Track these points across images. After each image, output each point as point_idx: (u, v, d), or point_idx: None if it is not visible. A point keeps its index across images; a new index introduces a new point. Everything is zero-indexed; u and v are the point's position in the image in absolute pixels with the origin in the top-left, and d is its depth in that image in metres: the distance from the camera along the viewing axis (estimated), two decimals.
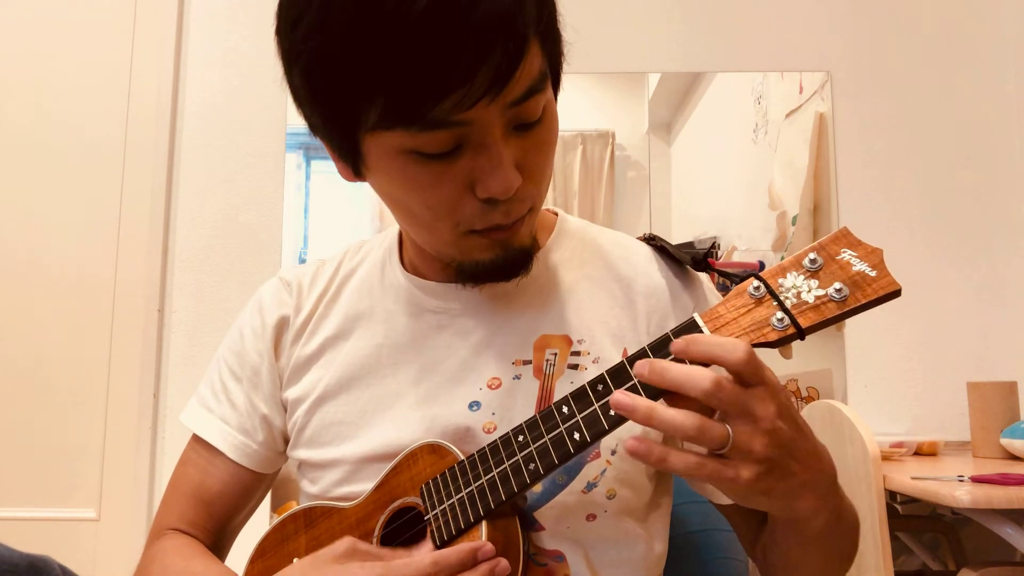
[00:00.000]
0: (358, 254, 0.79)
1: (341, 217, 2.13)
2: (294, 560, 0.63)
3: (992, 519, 1.25)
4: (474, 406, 0.66)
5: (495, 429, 0.65)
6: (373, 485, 0.66)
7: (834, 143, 2.06)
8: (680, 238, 2.09)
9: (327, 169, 0.66)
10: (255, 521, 0.80)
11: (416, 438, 0.65)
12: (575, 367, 0.67)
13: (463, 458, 0.61)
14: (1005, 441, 1.63)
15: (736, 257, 2.08)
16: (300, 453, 0.72)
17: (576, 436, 0.54)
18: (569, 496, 0.64)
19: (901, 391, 1.99)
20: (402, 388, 0.69)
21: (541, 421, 0.56)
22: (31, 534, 1.85)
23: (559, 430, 0.55)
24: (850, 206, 2.04)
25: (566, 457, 0.55)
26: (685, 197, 2.13)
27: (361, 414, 0.69)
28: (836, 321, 0.51)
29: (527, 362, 0.67)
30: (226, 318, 1.98)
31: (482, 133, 0.55)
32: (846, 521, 0.61)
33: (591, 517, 0.65)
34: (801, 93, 2.10)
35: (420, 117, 0.52)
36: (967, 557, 1.77)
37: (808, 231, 2.04)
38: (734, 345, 0.49)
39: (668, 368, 0.50)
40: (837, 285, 0.51)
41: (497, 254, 0.62)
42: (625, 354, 0.67)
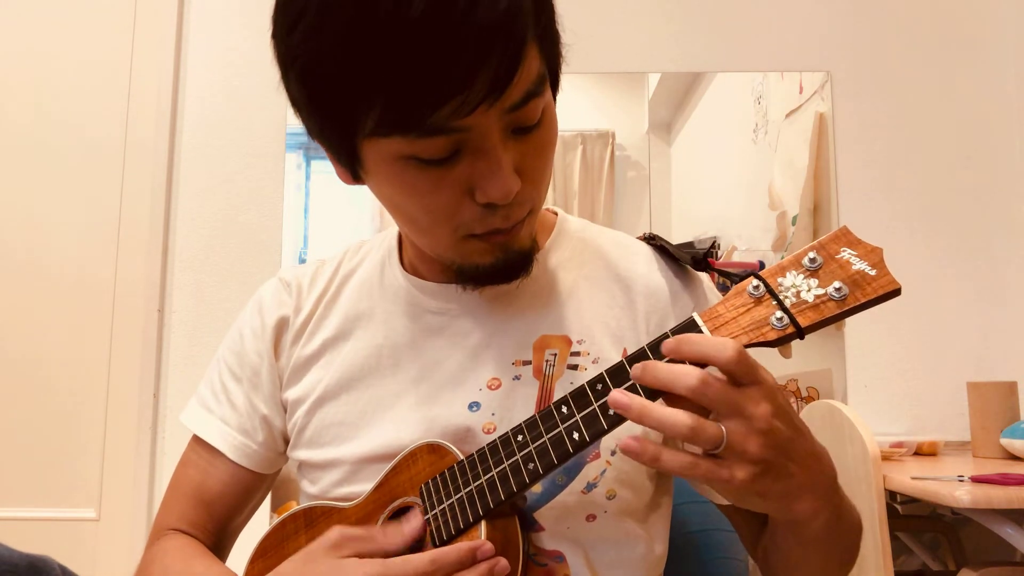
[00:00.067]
0: (358, 254, 0.79)
1: (341, 217, 2.13)
2: None
3: (992, 519, 1.25)
4: (474, 407, 0.66)
5: (495, 430, 0.65)
6: (373, 485, 0.66)
7: (834, 143, 2.06)
8: (680, 238, 2.09)
9: (327, 169, 0.65)
10: (255, 521, 0.80)
11: (416, 438, 0.65)
12: (575, 367, 0.67)
13: (462, 458, 0.61)
14: (1005, 441, 1.63)
15: (736, 257, 2.08)
16: (300, 454, 0.72)
17: (575, 436, 0.54)
18: (569, 496, 0.64)
19: (901, 391, 1.99)
20: (402, 389, 0.69)
21: (540, 421, 0.56)
22: (31, 534, 1.85)
23: (558, 430, 0.55)
24: (850, 206, 2.04)
25: (565, 457, 0.55)
26: (685, 197, 2.13)
27: (361, 415, 0.69)
28: (836, 320, 0.51)
29: (527, 363, 0.67)
30: (226, 318, 1.98)
31: (481, 138, 0.54)
32: (847, 523, 0.61)
33: (591, 518, 0.65)
34: (801, 93, 2.10)
35: (418, 124, 0.52)
36: (967, 557, 1.77)
37: (808, 231, 2.04)
38: (723, 344, 0.49)
39: (657, 367, 0.50)
40: (836, 284, 0.51)
41: (497, 257, 0.62)
42: (625, 354, 0.67)
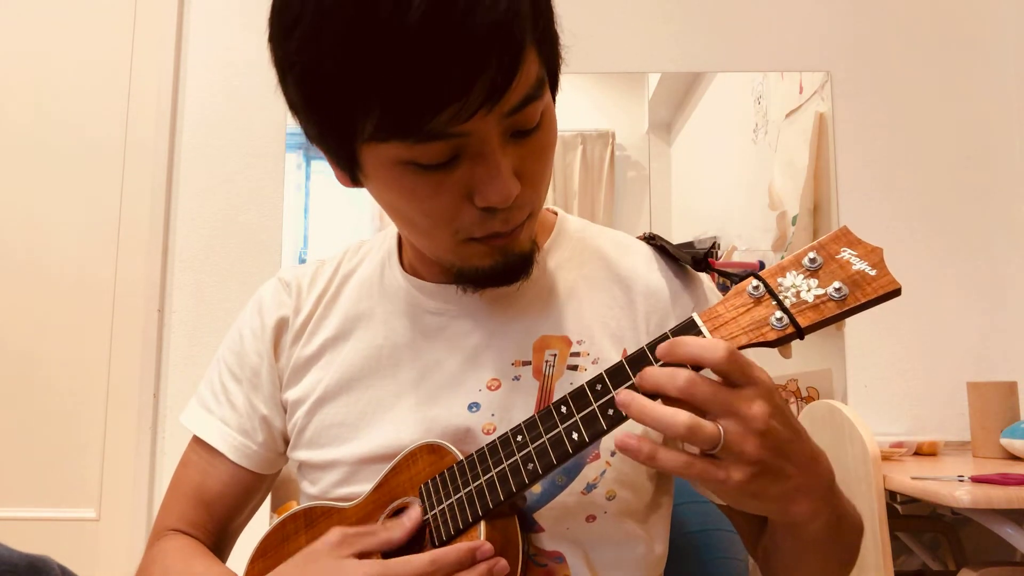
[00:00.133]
0: (357, 254, 0.78)
1: (341, 217, 2.13)
2: None
3: (992, 519, 1.25)
4: (473, 407, 0.66)
5: (494, 430, 0.65)
6: (373, 485, 0.66)
7: (834, 143, 2.06)
8: (680, 238, 2.09)
9: (327, 169, 0.65)
10: (256, 521, 0.80)
11: (416, 439, 0.65)
12: (574, 368, 0.67)
13: (462, 458, 0.61)
14: (1005, 441, 1.63)
15: (736, 257, 2.08)
16: (300, 454, 0.72)
17: (574, 436, 0.54)
18: (569, 497, 0.64)
19: (901, 391, 1.99)
20: (401, 389, 0.69)
21: (540, 421, 0.56)
22: (31, 534, 1.85)
23: (557, 430, 0.55)
24: (850, 206, 2.04)
25: (564, 457, 0.55)
26: (685, 197, 2.13)
27: (361, 415, 0.69)
28: (835, 320, 0.51)
29: (526, 363, 0.67)
30: (226, 318, 1.98)
31: (479, 143, 0.54)
32: (847, 524, 0.61)
33: (591, 518, 0.65)
34: (801, 93, 2.10)
35: (416, 130, 0.52)
36: (967, 557, 1.77)
37: (808, 231, 2.04)
38: (715, 345, 0.49)
39: (650, 370, 0.51)
40: (836, 284, 0.51)
41: (497, 260, 0.62)
42: (625, 354, 0.67)
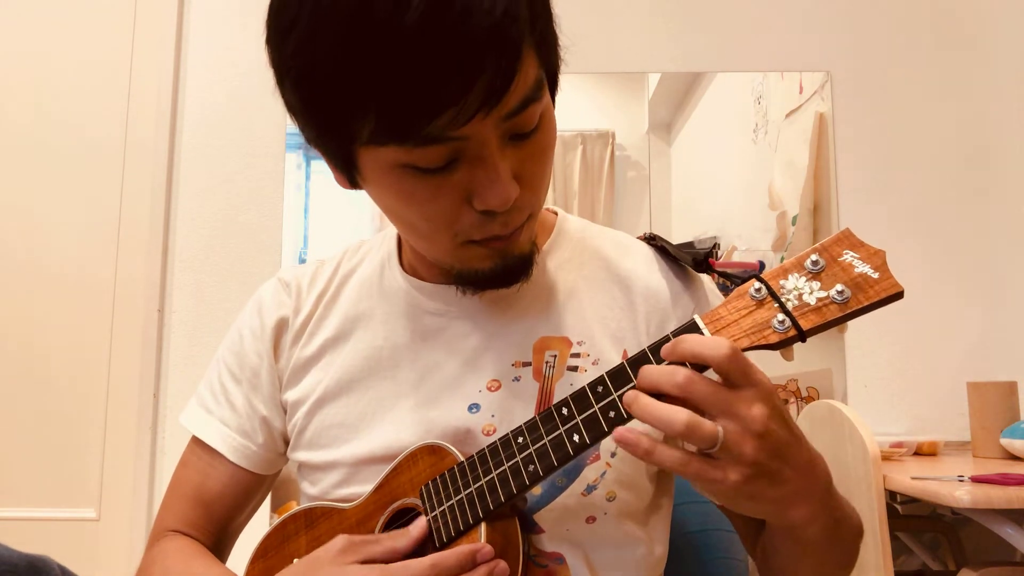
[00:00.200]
0: (357, 254, 0.78)
1: (341, 217, 2.13)
2: (294, 560, 0.63)
3: (992, 519, 1.25)
4: (473, 408, 0.66)
5: (495, 431, 0.65)
6: (373, 486, 0.66)
7: (834, 143, 2.06)
8: (680, 238, 2.09)
9: (327, 169, 0.65)
10: (256, 522, 0.80)
11: (415, 440, 0.65)
12: (574, 369, 0.67)
13: (462, 459, 0.61)
14: (1005, 441, 1.63)
15: (736, 257, 2.08)
16: (300, 455, 0.72)
17: (575, 438, 0.54)
18: (569, 498, 0.64)
19: (901, 391, 1.99)
20: (401, 390, 0.69)
21: (540, 423, 0.56)
22: (31, 534, 1.85)
23: (558, 432, 0.55)
24: (850, 206, 2.04)
25: (565, 459, 0.54)
26: (685, 197, 2.13)
27: (361, 416, 0.69)
28: (838, 323, 0.51)
29: (526, 364, 0.67)
30: (226, 318, 1.98)
31: (478, 147, 0.54)
32: (846, 527, 0.60)
33: (591, 519, 0.65)
34: (801, 93, 2.10)
35: (414, 134, 0.51)
36: (967, 557, 1.77)
37: (808, 231, 2.04)
38: (718, 343, 0.49)
39: (650, 368, 0.51)
40: (839, 287, 0.51)
41: (496, 263, 0.62)
42: (625, 355, 0.67)
